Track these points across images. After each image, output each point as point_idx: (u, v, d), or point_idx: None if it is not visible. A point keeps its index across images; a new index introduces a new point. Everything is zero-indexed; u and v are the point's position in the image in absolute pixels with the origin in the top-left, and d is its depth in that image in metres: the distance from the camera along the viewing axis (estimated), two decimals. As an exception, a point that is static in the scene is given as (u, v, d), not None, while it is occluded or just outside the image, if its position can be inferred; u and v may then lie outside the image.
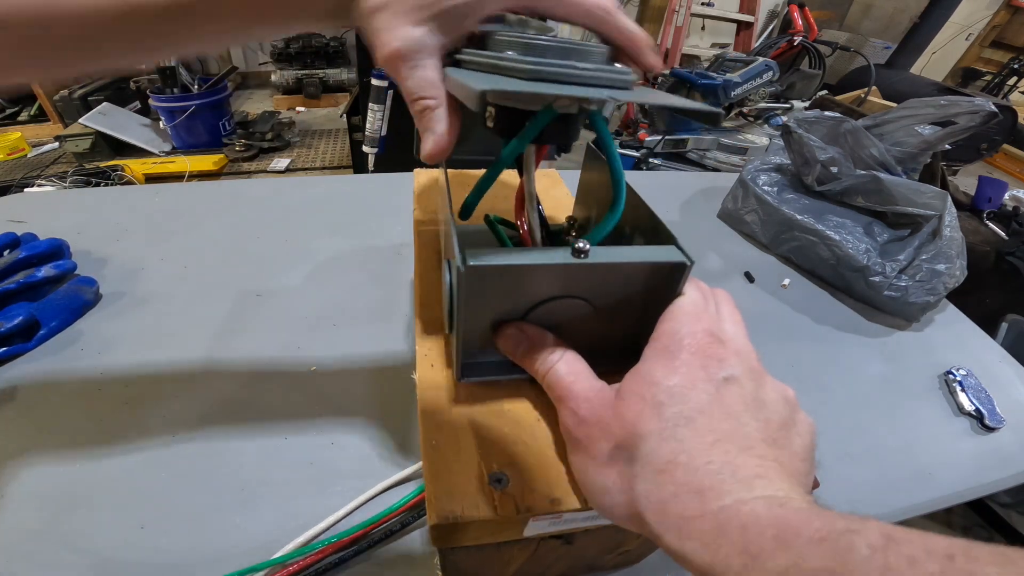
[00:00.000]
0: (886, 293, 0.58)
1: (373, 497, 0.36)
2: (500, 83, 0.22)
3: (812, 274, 0.67)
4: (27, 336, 0.45)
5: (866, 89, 2.03)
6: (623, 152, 2.01)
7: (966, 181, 1.48)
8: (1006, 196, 1.17)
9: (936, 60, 3.59)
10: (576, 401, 0.23)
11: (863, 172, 0.63)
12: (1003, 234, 1.12)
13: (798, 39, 2.31)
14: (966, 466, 0.45)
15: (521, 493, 0.22)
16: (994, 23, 3.57)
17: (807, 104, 2.21)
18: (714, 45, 3.37)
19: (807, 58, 2.38)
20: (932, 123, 0.64)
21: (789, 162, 0.72)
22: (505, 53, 0.23)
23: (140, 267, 0.56)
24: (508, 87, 0.21)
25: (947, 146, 0.64)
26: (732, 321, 0.24)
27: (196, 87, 2.24)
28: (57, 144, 2.21)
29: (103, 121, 2.17)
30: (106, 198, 0.70)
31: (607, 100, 0.23)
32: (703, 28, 3.42)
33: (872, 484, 0.43)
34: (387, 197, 0.73)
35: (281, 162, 2.22)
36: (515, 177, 0.29)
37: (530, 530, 0.23)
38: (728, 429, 0.19)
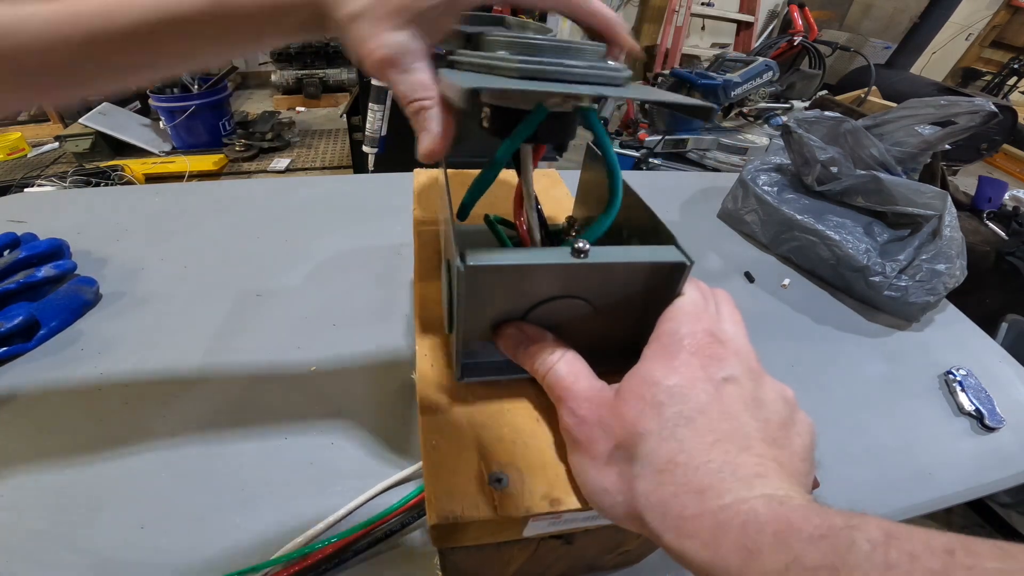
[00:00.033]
0: (886, 293, 0.58)
1: (373, 497, 0.36)
2: (488, 81, 0.22)
3: (812, 274, 0.67)
4: (27, 336, 0.45)
5: (866, 89, 2.03)
6: (623, 152, 2.01)
7: (966, 181, 1.48)
8: (1006, 196, 1.17)
9: (936, 60, 3.59)
10: (576, 401, 0.23)
11: (863, 172, 0.63)
12: (1003, 234, 1.12)
13: (798, 39, 2.31)
14: (966, 466, 0.45)
15: (521, 493, 0.22)
16: (994, 23, 3.57)
17: (807, 104, 2.21)
18: (714, 45, 3.37)
19: (807, 58, 2.38)
20: (932, 123, 0.64)
21: (789, 162, 0.72)
22: (497, 53, 0.23)
23: (140, 267, 0.56)
24: (495, 85, 0.21)
25: (947, 146, 0.64)
26: (732, 321, 0.24)
27: (196, 87, 2.24)
28: (57, 144, 2.21)
29: (103, 121, 2.17)
30: (106, 198, 0.70)
31: (597, 97, 0.23)
32: (703, 28, 3.42)
33: (872, 484, 0.43)
34: (387, 197, 0.73)
35: (281, 162, 2.22)
36: (516, 177, 0.29)
37: (530, 530, 0.23)
38: (728, 429, 0.19)
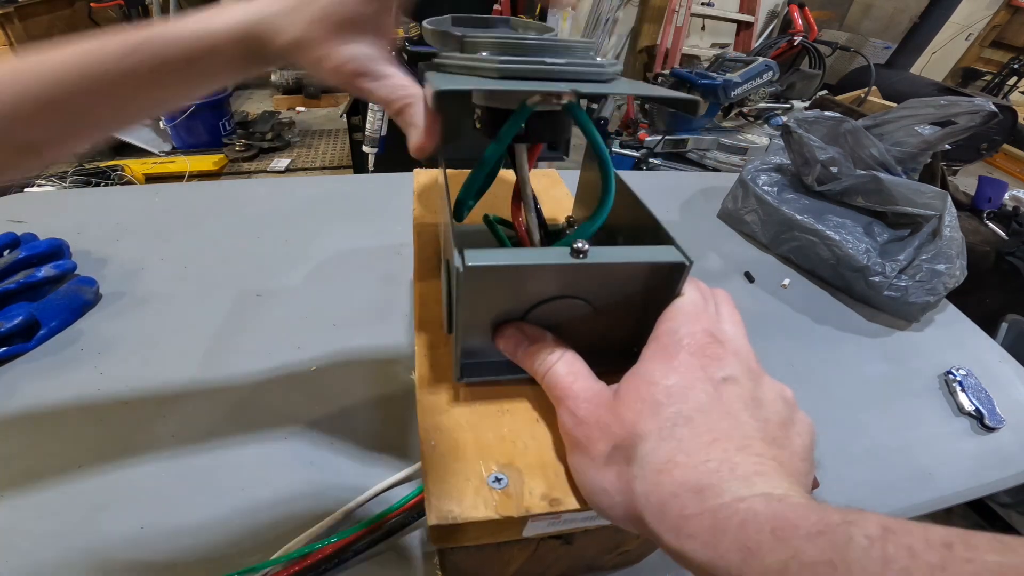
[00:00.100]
0: (886, 293, 0.58)
1: (373, 497, 0.36)
2: (462, 83, 0.21)
3: (812, 274, 0.67)
4: (27, 336, 0.45)
5: (866, 89, 2.03)
6: (623, 152, 2.01)
7: (966, 181, 1.48)
8: (1006, 196, 1.17)
9: (936, 60, 3.59)
10: (575, 401, 0.23)
11: (863, 172, 0.63)
12: (1003, 234, 1.12)
13: (798, 39, 2.31)
14: (966, 466, 0.45)
15: (520, 493, 0.22)
16: (994, 23, 3.57)
17: (807, 104, 2.21)
18: (714, 45, 3.37)
19: (807, 58, 2.37)
20: (932, 123, 0.64)
21: (789, 162, 0.72)
22: (479, 54, 0.23)
23: (140, 267, 0.56)
24: (467, 86, 0.21)
25: (947, 146, 0.64)
26: (731, 321, 0.24)
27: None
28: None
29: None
30: (106, 198, 0.70)
31: (585, 94, 0.22)
32: (703, 28, 3.42)
33: (872, 484, 0.43)
34: (387, 197, 0.73)
35: (281, 162, 2.22)
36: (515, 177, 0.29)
37: (529, 530, 0.23)
38: (726, 428, 0.19)
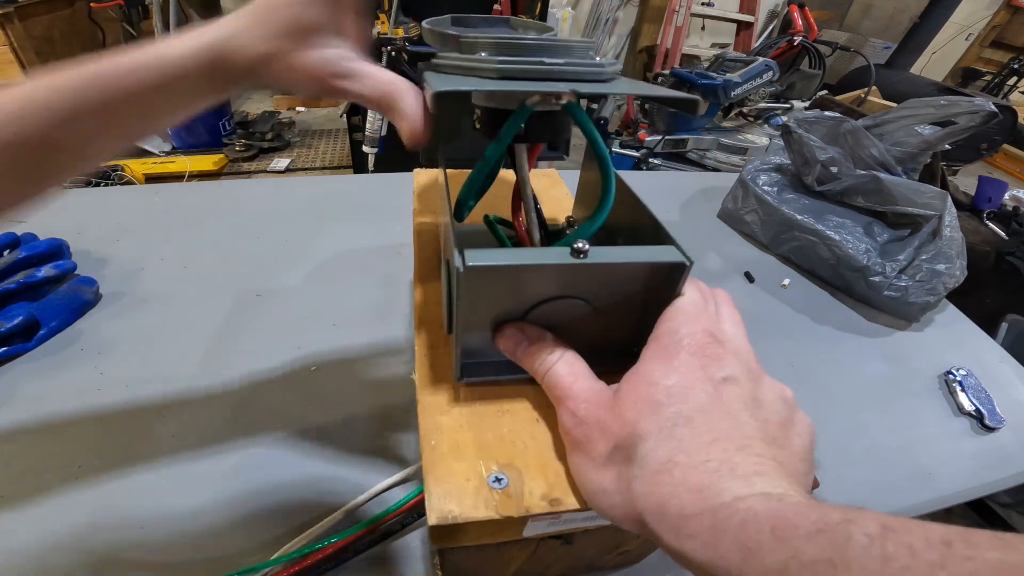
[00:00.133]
0: (886, 293, 0.58)
1: (373, 497, 0.36)
2: (460, 83, 0.21)
3: (812, 274, 0.67)
4: (27, 336, 0.45)
5: (866, 89, 2.03)
6: (623, 152, 2.01)
7: (966, 181, 1.48)
8: (1006, 196, 1.17)
9: (936, 60, 3.59)
10: (575, 401, 0.23)
11: (863, 172, 0.63)
12: (1003, 234, 1.12)
13: (798, 39, 2.31)
14: (966, 466, 0.45)
15: (520, 493, 0.22)
16: (994, 23, 3.57)
17: (807, 104, 2.21)
18: (714, 45, 3.37)
19: (807, 58, 2.37)
20: (932, 123, 0.64)
21: (789, 162, 0.72)
22: (478, 55, 0.23)
23: (140, 267, 0.56)
24: (466, 87, 0.21)
25: (947, 146, 0.64)
26: (731, 321, 0.24)
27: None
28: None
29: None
30: (106, 198, 0.70)
31: (584, 93, 0.22)
32: (703, 28, 3.42)
33: (872, 484, 0.43)
34: (387, 197, 0.73)
35: (281, 162, 2.22)
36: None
37: (529, 530, 0.23)
38: (726, 428, 0.19)
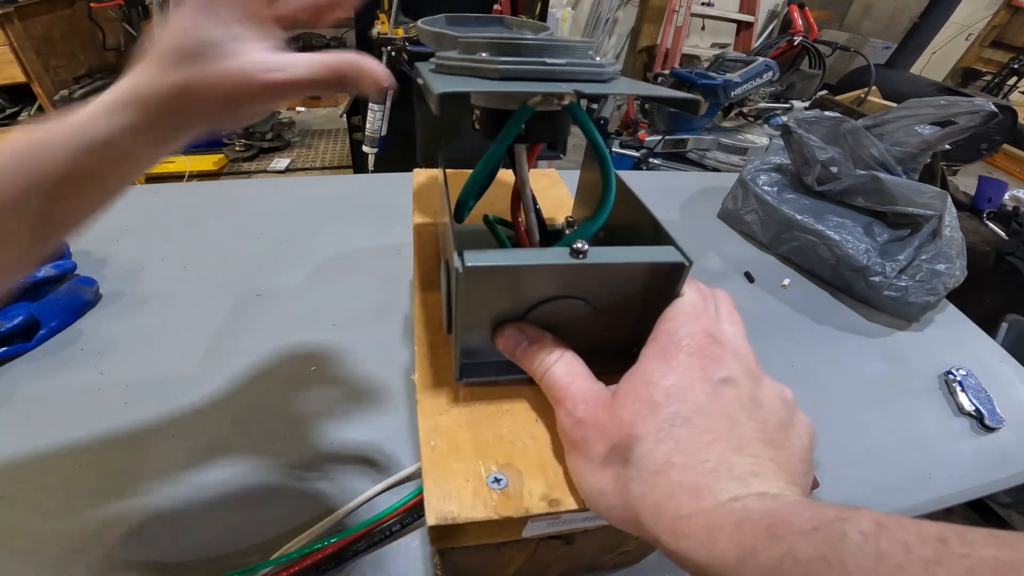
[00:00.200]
0: (886, 293, 0.58)
1: (373, 497, 0.36)
2: (463, 84, 0.21)
3: (812, 274, 0.67)
4: (27, 336, 0.45)
5: (866, 89, 2.03)
6: (623, 152, 2.01)
7: (966, 181, 1.48)
8: (1006, 196, 1.17)
9: (936, 60, 3.58)
10: (573, 402, 0.23)
11: (863, 172, 0.63)
12: (1003, 234, 1.12)
13: (798, 39, 2.31)
14: (966, 466, 0.45)
15: (520, 494, 0.22)
16: (994, 23, 3.57)
17: (807, 104, 2.21)
18: (714, 45, 3.37)
19: (807, 58, 2.38)
20: (932, 123, 0.64)
21: (789, 162, 0.72)
22: (478, 55, 0.23)
23: (140, 267, 0.56)
24: (468, 88, 0.21)
25: (947, 146, 0.64)
26: (731, 322, 0.24)
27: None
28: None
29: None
30: (106, 198, 0.70)
31: (585, 94, 0.22)
32: (703, 28, 3.42)
33: (872, 484, 0.43)
34: (387, 197, 0.73)
35: (281, 162, 2.22)
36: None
37: (529, 531, 0.23)
38: (724, 429, 0.19)
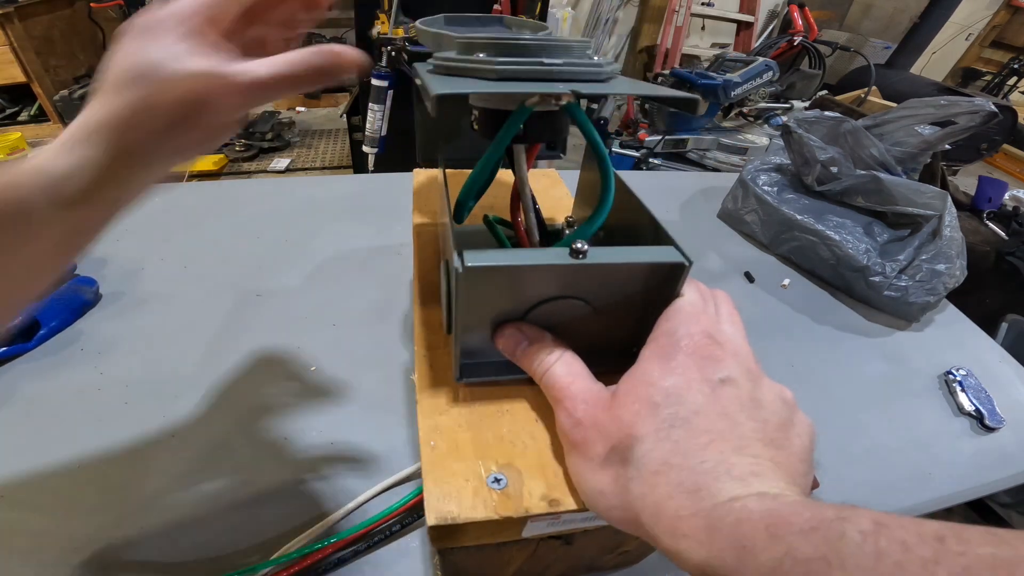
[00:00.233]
0: (886, 293, 0.58)
1: (373, 497, 0.36)
2: (460, 86, 0.21)
3: (812, 274, 0.67)
4: (27, 336, 0.45)
5: (866, 89, 2.03)
6: (623, 152, 2.01)
7: (966, 181, 1.48)
8: (1006, 196, 1.17)
9: (936, 60, 3.58)
10: (573, 402, 0.23)
11: (863, 172, 0.63)
12: (1003, 234, 1.12)
13: (798, 39, 2.31)
14: (966, 466, 0.45)
15: (520, 494, 0.22)
16: (994, 23, 3.57)
17: (807, 104, 2.21)
18: (714, 45, 3.37)
19: (807, 58, 2.38)
20: (932, 123, 0.64)
21: (789, 162, 0.72)
22: (476, 55, 0.23)
23: (140, 267, 0.56)
24: (465, 89, 0.21)
25: (947, 146, 0.64)
26: (730, 322, 0.24)
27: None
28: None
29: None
30: (106, 198, 0.70)
31: (584, 93, 0.22)
32: (703, 28, 3.42)
33: (872, 484, 0.43)
34: (387, 197, 0.73)
35: (281, 162, 2.22)
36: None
37: (529, 531, 0.23)
38: (723, 429, 0.19)
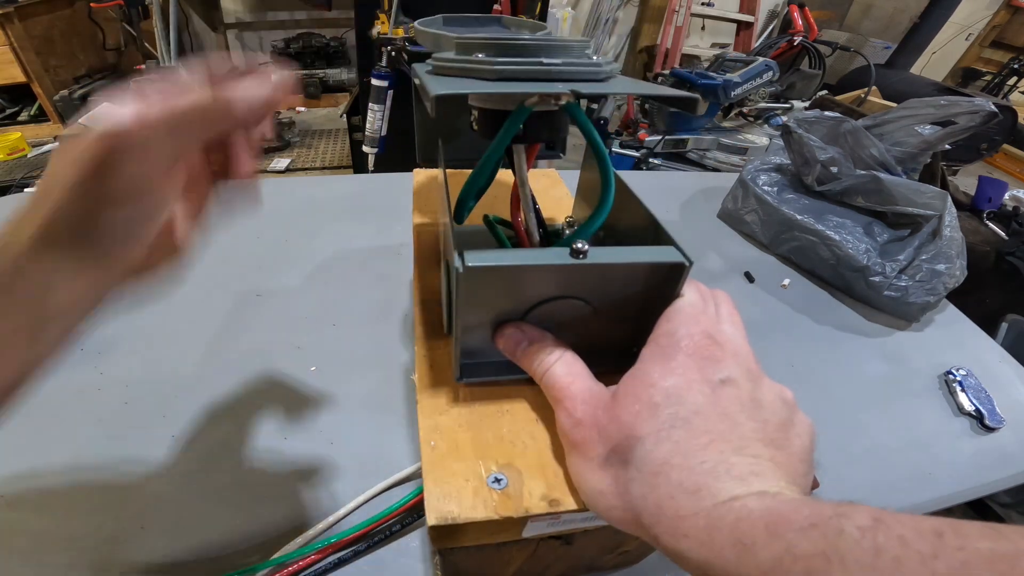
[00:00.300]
0: (886, 293, 0.58)
1: (373, 497, 0.36)
2: (458, 86, 0.21)
3: (812, 274, 0.67)
4: (27, 336, 0.45)
5: (866, 89, 2.02)
6: (623, 152, 2.01)
7: (966, 181, 1.48)
8: (1006, 196, 1.17)
9: (936, 60, 3.58)
10: (573, 403, 0.23)
11: (863, 172, 0.63)
12: (1003, 234, 1.12)
13: (798, 39, 2.30)
14: (966, 466, 0.45)
15: (520, 494, 0.22)
16: (994, 23, 3.57)
17: (807, 104, 2.21)
18: (714, 45, 3.37)
19: (807, 58, 2.37)
20: (932, 123, 0.64)
21: (789, 162, 0.72)
22: (474, 56, 0.23)
23: (140, 267, 0.56)
24: (464, 89, 0.21)
25: (947, 146, 0.64)
26: (730, 322, 0.24)
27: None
28: (57, 144, 2.19)
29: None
30: (106, 198, 0.70)
31: (584, 93, 0.22)
32: (703, 28, 3.42)
33: (872, 484, 0.43)
34: (387, 197, 0.73)
35: (281, 162, 2.22)
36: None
37: (529, 531, 0.23)
38: (723, 429, 0.19)
